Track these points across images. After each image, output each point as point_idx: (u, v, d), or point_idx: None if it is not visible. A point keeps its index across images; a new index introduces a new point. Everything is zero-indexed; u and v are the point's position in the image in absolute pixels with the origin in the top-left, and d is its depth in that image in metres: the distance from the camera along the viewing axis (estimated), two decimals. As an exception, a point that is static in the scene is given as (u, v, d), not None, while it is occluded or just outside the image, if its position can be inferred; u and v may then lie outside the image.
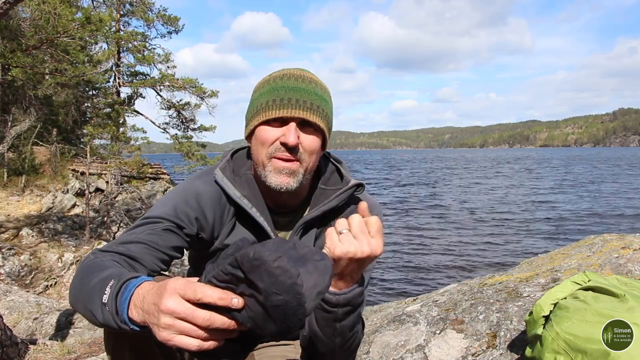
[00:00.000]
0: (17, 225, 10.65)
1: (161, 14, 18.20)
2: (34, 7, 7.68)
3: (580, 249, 2.07)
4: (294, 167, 1.08)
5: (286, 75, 1.11)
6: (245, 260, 0.65)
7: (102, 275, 0.85)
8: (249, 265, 0.65)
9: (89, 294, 0.84)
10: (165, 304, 0.68)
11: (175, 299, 0.68)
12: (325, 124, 1.12)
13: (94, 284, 0.85)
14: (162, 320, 0.68)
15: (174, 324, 0.68)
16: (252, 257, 0.65)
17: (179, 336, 0.68)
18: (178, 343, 0.68)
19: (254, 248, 0.66)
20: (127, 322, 0.76)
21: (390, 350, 1.45)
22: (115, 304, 0.77)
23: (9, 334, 3.04)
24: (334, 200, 1.17)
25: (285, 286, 0.64)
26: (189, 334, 0.68)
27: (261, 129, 1.09)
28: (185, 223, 1.10)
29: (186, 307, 0.68)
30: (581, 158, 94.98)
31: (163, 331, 0.69)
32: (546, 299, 1.12)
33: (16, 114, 14.22)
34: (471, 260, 11.53)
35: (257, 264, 0.65)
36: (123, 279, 0.80)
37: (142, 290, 0.75)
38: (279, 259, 0.65)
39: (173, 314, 0.67)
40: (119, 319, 0.77)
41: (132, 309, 0.75)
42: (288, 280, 0.64)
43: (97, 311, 0.81)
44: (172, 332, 0.68)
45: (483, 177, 42.91)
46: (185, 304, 0.68)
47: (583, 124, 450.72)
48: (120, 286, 0.79)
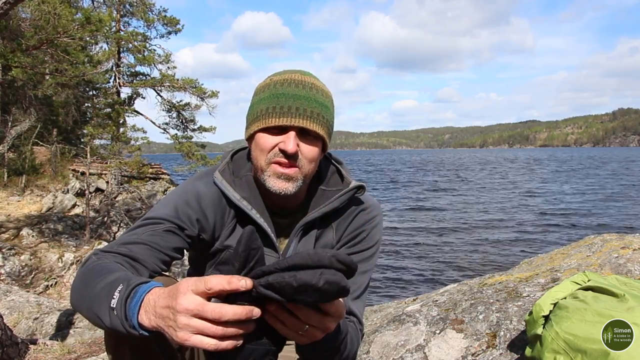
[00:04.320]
0: (18, 225, 10.65)
1: (162, 16, 18.20)
2: (34, 8, 7.68)
3: (580, 249, 2.08)
4: (292, 172, 1.07)
5: (287, 80, 1.10)
6: (288, 289, 0.67)
7: (109, 279, 0.85)
8: (293, 292, 0.67)
9: (95, 297, 0.84)
10: (181, 303, 0.68)
11: (189, 295, 0.69)
12: (326, 131, 1.12)
13: (100, 287, 0.85)
14: (179, 320, 0.68)
15: (190, 322, 0.68)
16: (296, 286, 0.66)
17: (195, 336, 0.68)
18: (195, 342, 0.68)
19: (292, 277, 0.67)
20: (136, 327, 0.76)
21: (390, 350, 1.45)
22: (125, 309, 0.77)
23: (9, 333, 3.04)
24: (334, 202, 1.17)
25: (334, 295, 0.68)
26: (205, 333, 0.68)
27: (260, 136, 1.09)
28: (187, 224, 1.10)
29: (197, 302, 0.68)
30: (589, 158, 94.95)
31: (180, 331, 0.69)
32: (546, 298, 1.12)
33: (16, 114, 14.21)
34: (471, 260, 11.53)
35: (304, 289, 0.67)
36: (132, 283, 0.80)
37: (153, 296, 0.75)
38: (321, 276, 0.66)
39: (187, 311, 0.68)
40: (128, 324, 0.77)
41: (142, 315, 0.75)
42: (336, 288, 0.67)
43: (104, 315, 0.81)
44: (189, 332, 0.68)
45: (483, 177, 42.91)
46: (197, 299, 0.69)
47: (583, 124, 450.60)
48: (130, 291, 0.79)
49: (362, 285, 1.20)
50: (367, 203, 1.23)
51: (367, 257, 1.22)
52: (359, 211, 1.21)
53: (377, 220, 1.23)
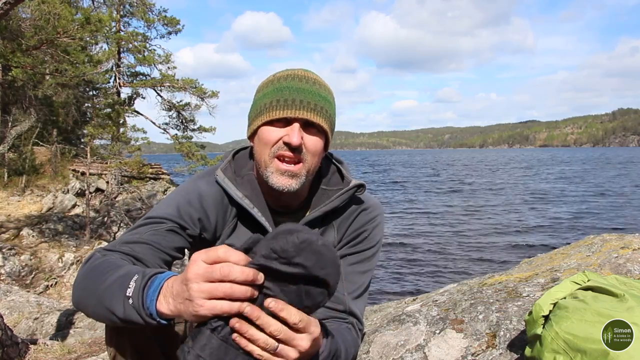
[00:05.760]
0: (18, 225, 10.65)
1: (162, 16, 18.20)
2: (34, 8, 7.69)
3: (580, 249, 2.08)
4: (295, 169, 1.08)
5: (290, 75, 1.11)
6: (290, 245, 0.69)
7: (121, 272, 0.86)
8: (296, 249, 0.69)
9: (107, 290, 0.85)
10: (191, 271, 0.71)
11: (199, 263, 0.71)
12: (329, 125, 1.12)
13: (112, 280, 0.85)
14: (191, 288, 0.70)
15: (201, 287, 0.70)
16: (298, 241, 0.69)
17: (208, 301, 0.70)
18: (209, 308, 0.70)
19: (294, 233, 0.70)
20: (154, 315, 0.77)
21: (390, 350, 1.46)
22: (143, 297, 0.78)
23: (9, 333, 3.04)
24: (335, 201, 1.17)
25: (329, 261, 0.71)
26: (216, 295, 0.69)
27: (264, 129, 1.09)
28: (189, 224, 1.10)
29: (205, 266, 0.70)
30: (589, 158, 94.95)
31: (193, 301, 0.70)
32: (545, 298, 1.12)
33: (17, 114, 14.21)
34: (471, 260, 11.53)
35: (304, 246, 0.69)
36: (149, 273, 0.82)
37: (171, 281, 0.77)
38: (320, 238, 0.71)
39: (197, 276, 0.70)
40: (145, 312, 0.78)
41: (161, 300, 0.77)
42: (332, 255, 0.72)
43: (118, 306, 0.81)
44: (202, 298, 0.70)
45: (483, 177, 42.90)
46: (205, 264, 0.71)
47: (582, 124, 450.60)
48: (147, 280, 0.80)
49: (363, 285, 1.20)
50: (369, 203, 1.23)
51: (368, 257, 1.22)
52: (360, 211, 1.22)
53: (379, 220, 1.23)
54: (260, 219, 1.13)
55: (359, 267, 1.20)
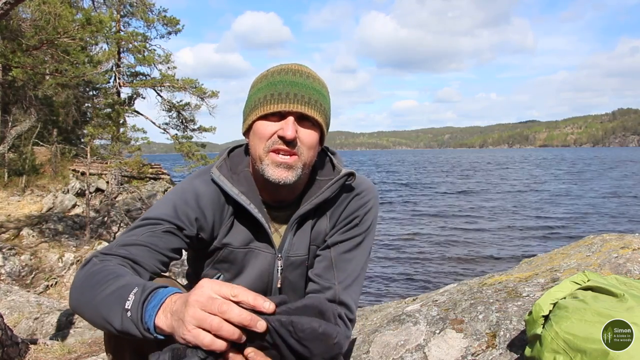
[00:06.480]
0: (18, 225, 10.65)
1: (162, 16, 18.20)
2: (35, 8, 7.69)
3: (580, 249, 2.08)
4: (291, 161, 1.07)
5: (284, 70, 1.11)
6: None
7: (120, 283, 0.85)
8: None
9: (105, 300, 0.84)
10: (194, 296, 0.70)
11: (203, 290, 0.70)
12: (323, 119, 1.12)
13: (110, 290, 0.84)
14: (187, 311, 0.69)
15: (195, 314, 0.69)
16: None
17: (195, 329, 0.69)
18: (193, 335, 0.68)
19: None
20: (151, 330, 0.76)
21: (390, 349, 1.46)
22: (142, 311, 0.77)
23: (9, 333, 3.04)
24: (326, 192, 1.16)
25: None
26: (204, 326, 0.68)
27: (259, 124, 1.09)
28: (186, 224, 1.10)
29: (209, 296, 0.69)
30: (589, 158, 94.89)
31: (184, 324, 0.69)
32: (545, 298, 1.12)
33: (17, 114, 14.21)
34: (471, 261, 11.53)
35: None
36: (149, 287, 0.81)
37: (175, 297, 0.76)
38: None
39: (197, 303, 0.69)
40: (143, 326, 0.77)
41: (160, 315, 0.75)
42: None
43: (115, 318, 0.81)
44: (191, 324, 0.69)
45: (482, 177, 42.89)
46: (211, 294, 0.69)
47: (582, 124, 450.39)
48: (148, 294, 0.79)
49: (354, 273, 1.19)
50: (361, 187, 1.22)
51: (359, 242, 1.21)
52: (352, 196, 1.21)
53: (371, 204, 1.22)
54: (256, 215, 1.13)
55: (350, 254, 1.19)
